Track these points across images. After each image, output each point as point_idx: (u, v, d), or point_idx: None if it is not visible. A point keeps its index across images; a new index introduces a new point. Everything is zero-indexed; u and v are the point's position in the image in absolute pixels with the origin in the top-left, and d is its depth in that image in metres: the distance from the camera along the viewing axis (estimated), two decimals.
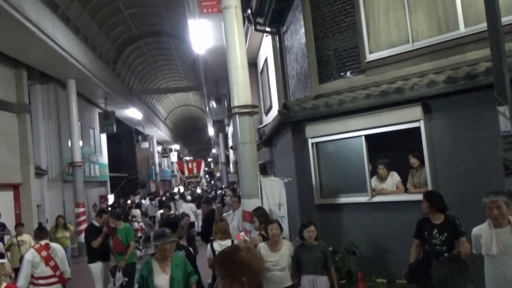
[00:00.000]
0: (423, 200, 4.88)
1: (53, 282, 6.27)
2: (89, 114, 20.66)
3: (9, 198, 13.04)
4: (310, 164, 7.43)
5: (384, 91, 6.42)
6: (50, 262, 6.25)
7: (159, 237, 4.12)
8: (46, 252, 6.28)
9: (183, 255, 4.83)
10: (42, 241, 6.51)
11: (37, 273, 6.17)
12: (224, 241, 5.86)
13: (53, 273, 6.27)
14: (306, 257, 5.28)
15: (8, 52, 12.62)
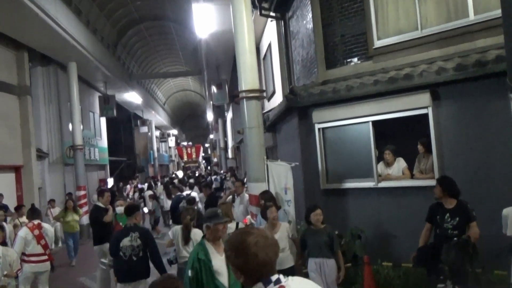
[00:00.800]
0: (436, 185, 4.95)
1: (43, 260, 6.69)
2: (89, 98, 20.58)
3: (10, 180, 13.08)
4: (316, 149, 7.48)
5: (393, 78, 6.44)
6: (41, 241, 6.64)
7: (212, 217, 3.91)
8: (38, 231, 6.67)
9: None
10: (35, 220, 6.84)
11: (28, 251, 6.54)
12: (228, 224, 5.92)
13: (43, 251, 6.65)
14: (312, 240, 5.37)
15: (9, 33, 12.51)
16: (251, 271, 1.88)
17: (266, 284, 1.86)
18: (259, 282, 1.87)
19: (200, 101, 45.67)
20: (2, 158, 12.46)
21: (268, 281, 1.86)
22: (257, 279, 1.87)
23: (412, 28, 7.04)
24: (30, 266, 6.54)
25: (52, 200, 13.14)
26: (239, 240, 1.94)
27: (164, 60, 31.38)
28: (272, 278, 1.87)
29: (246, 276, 1.90)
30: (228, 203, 6.64)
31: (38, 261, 6.57)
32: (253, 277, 1.88)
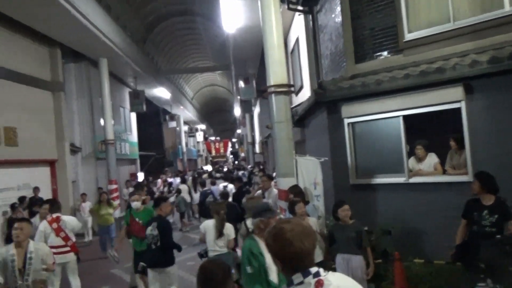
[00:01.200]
0: (474, 181, 4.84)
1: (65, 251, 6.97)
2: (119, 93, 20.98)
3: (46, 174, 13.50)
4: (346, 144, 7.42)
5: (424, 71, 6.31)
6: (61, 233, 6.94)
7: (264, 211, 3.80)
8: (56, 224, 6.96)
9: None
10: (55, 214, 7.11)
11: (49, 243, 6.77)
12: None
13: (64, 243, 6.94)
14: (340, 236, 5.34)
15: (43, 30, 12.87)
16: (288, 259, 1.90)
17: (305, 275, 1.87)
18: (297, 272, 1.88)
19: (227, 96, 45.87)
20: (38, 153, 12.87)
21: (307, 273, 1.88)
22: (295, 269, 1.89)
23: (444, 20, 6.86)
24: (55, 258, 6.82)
25: (83, 194, 13.56)
26: (278, 227, 1.98)
27: (192, 55, 31.64)
28: (311, 270, 1.89)
29: (284, 264, 1.92)
30: (257, 197, 6.68)
31: (59, 253, 6.83)
32: (290, 265, 1.90)
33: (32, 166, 12.74)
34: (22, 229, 5.14)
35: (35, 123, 12.77)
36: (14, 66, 12.06)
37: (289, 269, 1.92)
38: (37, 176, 12.90)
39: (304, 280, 1.86)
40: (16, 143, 11.75)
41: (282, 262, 1.93)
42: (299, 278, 1.87)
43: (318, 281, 1.86)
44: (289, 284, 1.90)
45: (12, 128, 11.61)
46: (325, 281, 1.87)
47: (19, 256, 5.04)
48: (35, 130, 12.71)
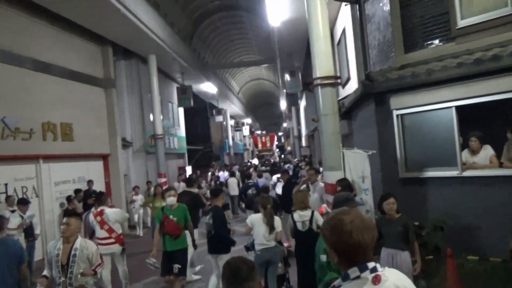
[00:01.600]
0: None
1: (110, 242, 7.22)
2: (167, 89, 21.45)
3: (99, 167, 14.05)
4: (395, 137, 7.21)
5: (479, 59, 6.01)
6: (104, 226, 7.20)
7: (347, 201, 3.73)
8: (100, 217, 7.24)
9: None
10: (100, 207, 7.38)
11: (97, 234, 7.24)
12: (303, 211, 5.93)
13: (108, 235, 7.21)
14: (386, 230, 5.18)
15: (95, 29, 13.35)
16: (345, 252, 1.84)
17: (362, 270, 1.81)
18: (354, 266, 1.82)
19: (273, 90, 45.85)
20: (93, 147, 13.42)
21: (364, 267, 1.82)
22: (352, 262, 1.83)
23: (501, 4, 6.49)
24: (101, 248, 7.00)
25: (136, 187, 13.89)
26: (336, 218, 1.91)
27: (237, 49, 31.85)
28: (368, 265, 1.82)
29: (341, 257, 1.86)
30: (304, 191, 6.63)
31: (105, 244, 7.17)
32: (347, 258, 1.84)
33: (86, 160, 13.30)
34: (69, 225, 4.90)
35: (89, 119, 13.30)
36: (69, 64, 12.60)
37: (345, 262, 1.85)
38: (91, 169, 13.46)
39: (361, 274, 1.80)
40: (72, 138, 12.30)
41: (338, 254, 1.86)
42: (356, 273, 1.81)
43: (376, 276, 1.80)
44: (345, 278, 1.84)
45: (68, 124, 12.15)
46: (382, 277, 1.81)
47: (64, 252, 4.81)
48: (89, 126, 13.25)
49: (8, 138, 9.88)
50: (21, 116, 10.34)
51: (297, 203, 6.02)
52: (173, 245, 6.64)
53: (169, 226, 6.63)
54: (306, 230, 5.83)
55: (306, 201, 6.09)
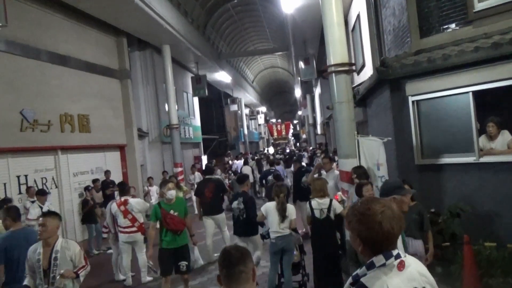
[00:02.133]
0: None
1: (133, 231, 7.51)
2: (182, 79, 21.51)
3: (116, 158, 14.23)
4: (410, 123, 7.14)
5: (496, 43, 5.88)
6: (128, 215, 7.45)
7: (398, 188, 3.58)
8: (124, 207, 7.47)
9: None
10: (123, 197, 7.63)
11: (119, 223, 7.49)
12: (322, 199, 5.93)
13: (131, 224, 7.47)
14: None
15: (109, 20, 13.45)
16: (373, 241, 1.83)
17: (388, 257, 1.82)
18: (380, 254, 1.83)
19: (287, 78, 45.62)
20: (109, 138, 13.60)
21: (389, 254, 1.83)
22: (378, 251, 1.84)
23: None
24: (123, 236, 7.54)
25: (150, 177, 13.82)
26: (366, 207, 1.90)
27: (251, 38, 31.72)
28: (393, 252, 1.84)
29: (367, 245, 1.85)
30: (323, 178, 6.61)
31: (128, 232, 7.49)
32: (374, 247, 1.84)
33: (103, 151, 13.50)
34: (45, 225, 4.28)
35: (105, 110, 13.46)
36: (85, 56, 12.73)
37: (371, 251, 1.85)
38: (108, 160, 13.66)
39: (387, 262, 1.81)
40: (89, 130, 12.48)
41: (365, 243, 1.86)
42: (382, 260, 1.81)
43: (401, 262, 1.83)
44: (370, 266, 1.83)
45: (85, 115, 12.32)
46: (406, 263, 1.84)
47: (45, 256, 4.28)
48: (105, 117, 13.41)
49: (27, 130, 10.08)
50: (39, 109, 10.52)
51: (316, 191, 6.01)
52: (178, 241, 6.28)
53: (173, 222, 6.21)
54: (324, 218, 5.85)
55: (325, 189, 6.09)
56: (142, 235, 7.63)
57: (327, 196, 6.06)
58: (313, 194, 6.06)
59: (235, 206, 6.96)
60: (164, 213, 6.24)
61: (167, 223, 6.21)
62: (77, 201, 11.80)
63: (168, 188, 6.35)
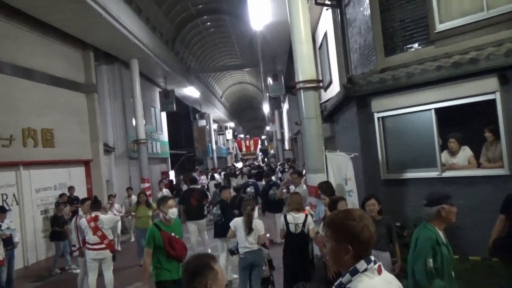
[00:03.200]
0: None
1: (101, 248, 7.25)
2: (150, 93, 21.34)
3: (81, 173, 13.90)
4: (376, 139, 7.32)
5: (457, 62, 6.14)
6: (98, 232, 7.21)
7: (445, 198, 3.46)
8: (94, 223, 7.24)
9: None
10: (94, 213, 7.39)
11: (88, 240, 7.24)
12: (297, 213, 5.99)
13: (100, 241, 7.23)
14: None
15: (76, 34, 13.25)
16: (360, 245, 1.89)
17: (368, 262, 1.89)
18: (361, 260, 1.89)
19: (256, 94, 45.98)
20: (74, 153, 13.30)
21: (369, 260, 1.90)
22: (359, 257, 1.89)
23: (478, 9, 6.67)
24: (91, 253, 7.28)
25: (111, 195, 12.70)
26: (349, 213, 1.97)
27: (220, 53, 31.88)
28: (371, 258, 1.91)
29: (355, 251, 1.89)
30: (299, 193, 6.65)
31: (96, 249, 7.24)
32: (359, 252, 1.89)
33: (68, 166, 13.16)
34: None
35: (70, 124, 13.16)
36: (50, 70, 12.47)
37: (355, 257, 1.90)
38: (72, 175, 13.32)
39: (368, 266, 1.87)
40: (53, 144, 12.16)
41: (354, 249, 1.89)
42: (364, 266, 1.88)
43: (379, 266, 1.90)
44: (354, 272, 1.88)
45: (49, 129, 12.01)
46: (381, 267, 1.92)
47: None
48: (70, 131, 13.11)
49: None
50: (1, 123, 10.21)
51: (293, 204, 6.07)
52: (179, 270, 5.11)
53: (179, 248, 5.14)
54: (299, 232, 5.90)
55: (302, 203, 6.15)
56: (111, 253, 7.43)
57: (303, 211, 6.11)
58: (289, 208, 6.11)
59: (215, 211, 8.16)
60: (166, 236, 5.09)
61: (173, 249, 5.06)
62: (39, 218, 11.43)
63: (169, 206, 5.28)
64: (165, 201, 5.31)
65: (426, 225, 3.48)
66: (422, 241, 3.38)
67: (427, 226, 3.46)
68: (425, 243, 3.35)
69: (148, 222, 9.90)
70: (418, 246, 3.42)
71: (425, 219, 3.55)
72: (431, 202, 3.47)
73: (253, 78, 38.43)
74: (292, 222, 5.93)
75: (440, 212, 3.41)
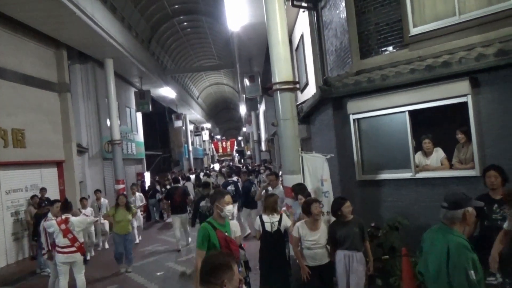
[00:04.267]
0: (495, 174, 4.69)
1: (72, 251, 7.10)
2: (125, 93, 21.07)
3: (53, 174, 13.59)
4: (352, 140, 7.40)
5: (430, 66, 6.27)
6: (68, 235, 7.04)
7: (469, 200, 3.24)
8: (64, 225, 7.05)
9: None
10: (64, 215, 7.20)
11: (57, 242, 7.06)
12: (273, 215, 5.99)
13: (70, 244, 7.07)
14: (343, 232, 5.28)
15: (49, 32, 12.95)
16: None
17: None
18: None
19: (232, 95, 45.91)
20: (47, 153, 12.97)
21: None
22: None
23: (450, 13, 6.82)
24: (61, 257, 7.11)
25: (83, 198, 11.77)
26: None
27: (197, 54, 31.69)
28: None
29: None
30: (275, 195, 6.64)
31: (66, 252, 7.07)
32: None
33: (39, 167, 12.84)
34: None
35: (42, 124, 12.86)
36: (20, 68, 12.14)
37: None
38: (44, 177, 13.00)
39: None
40: (24, 145, 11.85)
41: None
42: None
43: None
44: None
45: (20, 130, 11.69)
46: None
47: None
48: (42, 132, 12.80)
49: None
50: None
51: (268, 208, 6.06)
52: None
53: (236, 249, 4.59)
54: (275, 231, 5.90)
55: (276, 206, 6.15)
56: (82, 256, 7.30)
57: (277, 213, 6.11)
58: (264, 211, 6.11)
59: (203, 204, 9.06)
60: (222, 236, 4.55)
61: (230, 250, 4.44)
62: (9, 221, 11.14)
63: (225, 202, 4.66)
64: (221, 196, 4.67)
65: (449, 231, 3.14)
66: (457, 250, 2.99)
67: (453, 232, 3.11)
68: (461, 252, 2.98)
69: (128, 227, 9.42)
70: (453, 257, 2.99)
71: (444, 223, 3.23)
72: (455, 205, 3.14)
73: (229, 79, 38.38)
74: (268, 221, 5.94)
75: (465, 215, 3.13)
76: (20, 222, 11.47)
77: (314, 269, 5.37)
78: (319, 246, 5.36)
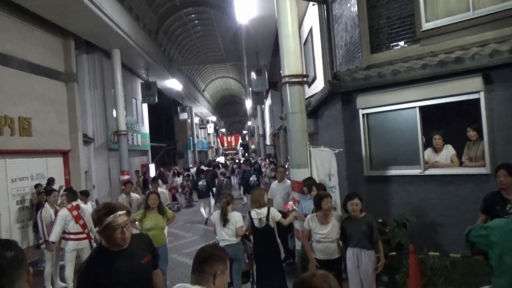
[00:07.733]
0: (504, 174, 4.56)
1: (82, 237, 7.24)
2: (131, 84, 21.03)
3: (59, 164, 13.59)
4: (360, 136, 7.33)
5: (442, 61, 6.18)
6: (80, 221, 7.19)
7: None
8: (76, 211, 7.21)
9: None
10: (74, 202, 7.36)
11: (68, 229, 7.14)
12: (260, 209, 5.96)
13: (82, 230, 7.21)
14: (351, 230, 5.22)
15: (56, 21, 12.90)
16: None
17: None
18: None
19: (238, 88, 45.81)
20: (52, 143, 12.96)
21: None
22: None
23: (463, 9, 6.72)
24: (72, 243, 7.18)
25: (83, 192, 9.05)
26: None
27: (204, 46, 31.60)
28: None
29: None
30: (261, 189, 6.60)
31: (77, 239, 7.17)
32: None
33: (45, 156, 12.84)
34: None
35: (48, 113, 12.84)
36: (28, 56, 12.12)
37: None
38: (50, 166, 13.00)
39: None
40: (30, 134, 11.84)
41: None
42: None
43: None
44: None
45: (26, 118, 11.69)
46: None
47: None
48: (48, 121, 12.79)
49: None
50: None
51: (253, 203, 6.05)
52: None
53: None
54: (264, 226, 5.89)
55: (262, 200, 6.07)
56: (90, 243, 7.32)
57: (264, 206, 6.06)
58: (251, 205, 6.08)
59: (201, 183, 13.27)
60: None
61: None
62: (15, 209, 11.14)
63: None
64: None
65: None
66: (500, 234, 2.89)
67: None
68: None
69: (162, 237, 6.68)
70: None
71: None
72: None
73: (236, 73, 38.26)
74: (256, 217, 5.91)
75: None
76: (26, 211, 11.48)
77: (323, 262, 5.32)
78: (330, 240, 5.29)
